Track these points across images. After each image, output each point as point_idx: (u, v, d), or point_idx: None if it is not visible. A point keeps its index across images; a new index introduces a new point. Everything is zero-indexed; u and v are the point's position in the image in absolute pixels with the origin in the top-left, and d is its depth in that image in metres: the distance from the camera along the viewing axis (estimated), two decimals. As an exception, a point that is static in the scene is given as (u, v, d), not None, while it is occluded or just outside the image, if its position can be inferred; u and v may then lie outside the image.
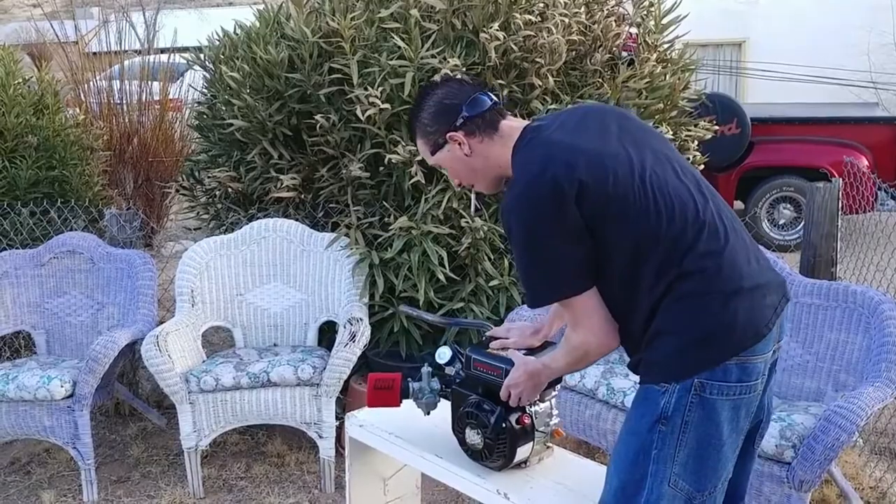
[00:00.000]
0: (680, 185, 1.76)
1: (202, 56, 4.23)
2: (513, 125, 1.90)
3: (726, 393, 1.70)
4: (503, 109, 1.94)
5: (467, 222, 3.42)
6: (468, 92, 1.91)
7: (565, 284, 1.73)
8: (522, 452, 2.05)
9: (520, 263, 1.78)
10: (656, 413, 1.71)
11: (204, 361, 3.43)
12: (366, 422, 2.39)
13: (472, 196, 2.08)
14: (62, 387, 3.21)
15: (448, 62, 3.37)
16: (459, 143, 1.89)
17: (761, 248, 1.90)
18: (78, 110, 5.55)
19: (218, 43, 4.14)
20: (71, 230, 4.15)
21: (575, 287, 1.73)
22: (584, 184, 1.68)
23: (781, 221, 7.34)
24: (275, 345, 3.68)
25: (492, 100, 1.90)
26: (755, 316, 1.72)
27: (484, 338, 2.19)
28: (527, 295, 1.82)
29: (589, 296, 1.74)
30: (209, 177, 3.99)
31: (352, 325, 3.29)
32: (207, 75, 4.24)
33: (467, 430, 2.07)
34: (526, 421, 2.02)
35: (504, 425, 2.00)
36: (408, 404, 2.22)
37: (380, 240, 3.59)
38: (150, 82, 6.87)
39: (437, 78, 3.08)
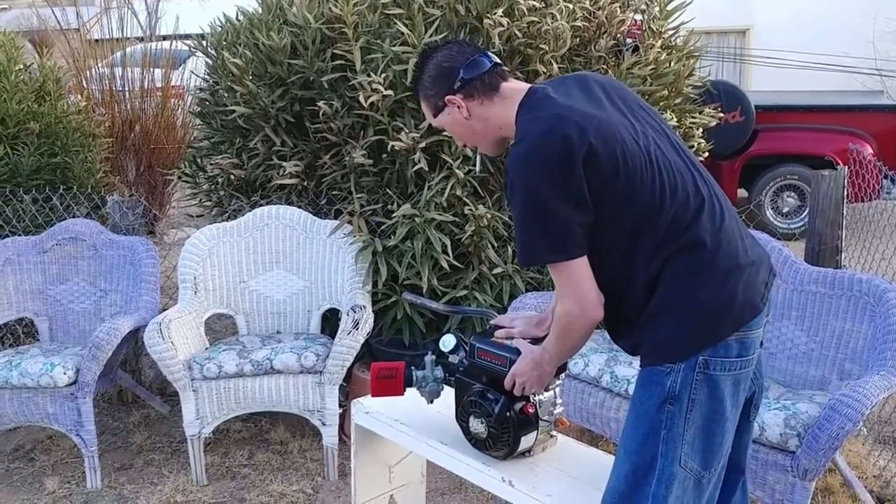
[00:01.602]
0: (680, 161, 1.78)
1: (204, 42, 4.21)
2: (514, 87, 1.87)
3: (728, 368, 1.72)
4: (504, 71, 1.91)
5: (471, 210, 3.40)
6: (467, 54, 1.88)
7: (562, 247, 1.70)
8: (526, 442, 2.04)
9: (518, 220, 1.74)
10: (663, 393, 1.72)
11: (207, 349, 3.43)
12: (372, 408, 2.38)
13: (477, 156, 2.08)
14: (65, 374, 3.21)
15: (452, 48, 3.34)
16: (458, 107, 1.87)
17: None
18: (80, 97, 5.53)
19: (220, 29, 4.12)
20: (73, 217, 4.14)
21: (570, 251, 1.70)
22: (593, 148, 1.66)
23: (785, 210, 7.32)
24: (278, 332, 3.68)
25: (492, 61, 1.88)
26: (751, 291, 1.75)
27: (488, 326, 2.18)
28: (520, 253, 1.78)
29: (580, 263, 1.71)
30: (211, 164, 3.97)
31: (355, 312, 3.29)
32: (209, 62, 4.22)
33: (471, 419, 2.06)
34: (530, 410, 2.01)
35: (508, 414, 1.99)
36: (413, 392, 2.22)
37: (383, 227, 3.58)
38: (152, 69, 6.85)
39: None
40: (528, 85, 1.88)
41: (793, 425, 2.52)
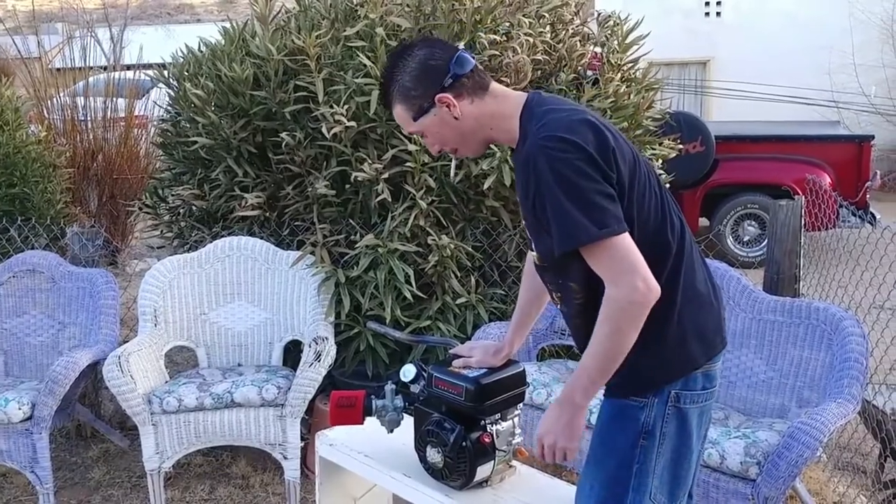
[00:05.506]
0: (666, 192, 1.78)
1: (166, 73, 4.19)
2: (505, 90, 1.79)
3: (696, 401, 1.73)
4: (485, 71, 1.82)
5: (434, 240, 3.41)
6: (451, 50, 1.76)
7: (608, 221, 1.57)
8: (483, 472, 2.04)
9: (553, 207, 1.60)
10: (637, 429, 1.71)
11: (167, 382, 3.38)
12: (336, 441, 2.36)
13: (453, 162, 1.91)
14: (20, 409, 3.14)
15: (414, 80, 3.36)
16: (449, 106, 1.73)
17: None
18: (40, 127, 5.48)
19: (182, 60, 4.11)
20: (32, 248, 4.08)
21: (617, 225, 1.58)
22: (618, 144, 1.64)
23: (746, 238, 7.42)
24: (239, 365, 3.64)
25: (474, 58, 1.77)
26: (718, 324, 1.77)
27: (447, 355, 2.18)
28: (558, 238, 1.61)
29: (628, 237, 1.59)
30: (173, 195, 3.94)
31: (317, 344, 3.26)
32: (171, 93, 4.20)
33: (428, 448, 2.05)
34: (486, 440, 2.01)
35: (464, 444, 1.99)
36: (378, 423, 2.20)
37: (346, 258, 3.57)
38: (115, 99, 6.81)
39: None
40: (521, 93, 1.79)
41: (753, 453, 2.54)
